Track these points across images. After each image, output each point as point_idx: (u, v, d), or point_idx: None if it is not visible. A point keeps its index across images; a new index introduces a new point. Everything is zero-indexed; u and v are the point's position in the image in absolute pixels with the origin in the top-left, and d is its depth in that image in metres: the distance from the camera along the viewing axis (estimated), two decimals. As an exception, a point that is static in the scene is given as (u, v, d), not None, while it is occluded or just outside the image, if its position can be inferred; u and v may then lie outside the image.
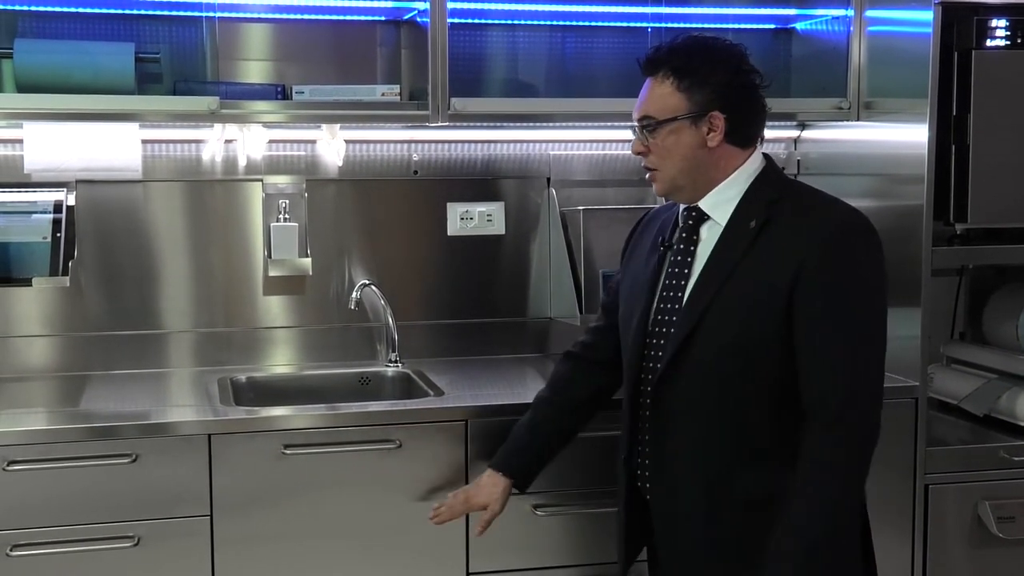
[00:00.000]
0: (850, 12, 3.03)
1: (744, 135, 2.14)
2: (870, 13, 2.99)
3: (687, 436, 2.13)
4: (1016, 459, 2.77)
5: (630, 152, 2.27)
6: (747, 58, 2.14)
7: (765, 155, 2.20)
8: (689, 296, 2.12)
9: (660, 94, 2.14)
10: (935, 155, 2.74)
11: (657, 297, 2.19)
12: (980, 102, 2.71)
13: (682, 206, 2.22)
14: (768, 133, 2.22)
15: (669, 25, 3.37)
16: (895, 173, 2.89)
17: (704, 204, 2.16)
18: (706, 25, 3.43)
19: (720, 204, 2.14)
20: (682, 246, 2.18)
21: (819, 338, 2.01)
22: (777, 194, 2.12)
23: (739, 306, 2.06)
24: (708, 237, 2.16)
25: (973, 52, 2.70)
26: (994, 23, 2.71)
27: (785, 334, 2.03)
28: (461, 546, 2.70)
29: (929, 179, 2.74)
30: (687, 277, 2.15)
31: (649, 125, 2.15)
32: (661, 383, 2.14)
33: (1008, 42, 2.71)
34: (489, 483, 2.46)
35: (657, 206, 2.44)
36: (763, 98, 2.15)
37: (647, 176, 2.20)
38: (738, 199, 2.13)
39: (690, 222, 2.18)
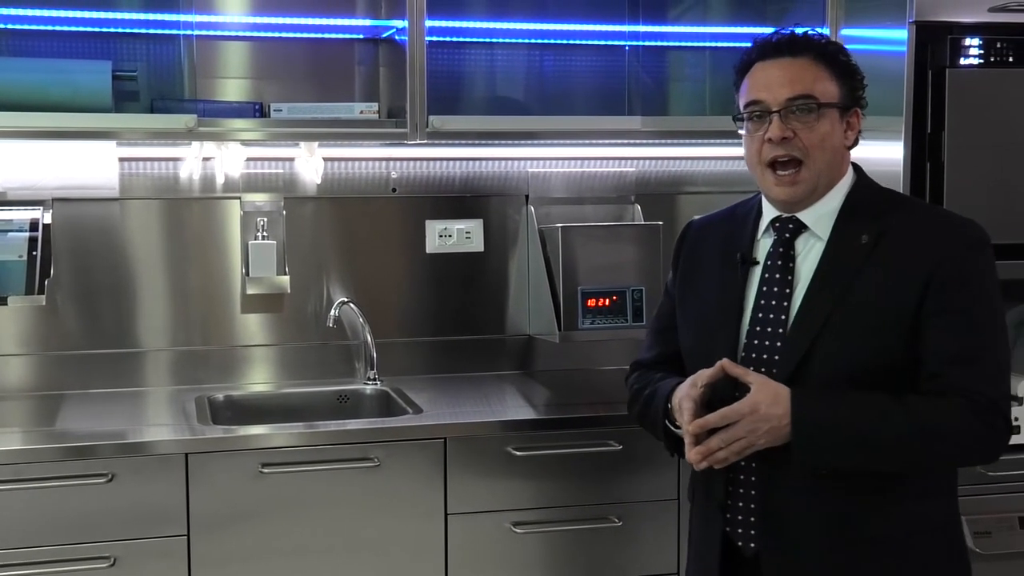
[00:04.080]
0: (826, 30, 3.04)
1: (857, 139, 2.01)
2: (845, 32, 3.01)
3: (804, 475, 1.89)
4: (992, 474, 2.78)
5: (607, 169, 2.17)
6: None
7: (855, 165, 2.04)
8: (796, 318, 1.93)
9: (817, 76, 1.93)
10: (910, 173, 2.76)
11: (749, 318, 1.98)
12: (954, 120, 2.73)
13: (767, 218, 2.03)
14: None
15: (647, 43, 3.39)
16: (871, 190, 2.91)
17: (807, 216, 1.98)
18: (684, 44, 3.46)
19: (822, 216, 1.97)
20: (779, 262, 1.98)
21: (959, 348, 1.87)
22: (884, 206, 1.98)
23: (859, 327, 1.89)
24: (806, 251, 1.98)
25: (947, 70, 2.72)
26: (967, 42, 2.73)
27: (911, 354, 1.88)
28: (440, 564, 2.69)
29: (904, 196, 2.76)
30: (788, 297, 1.95)
31: (809, 107, 1.91)
32: None
33: (981, 60, 2.73)
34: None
35: (697, 218, 2.22)
36: None
37: (776, 176, 1.95)
38: (837, 211, 1.97)
39: (786, 235, 1.99)
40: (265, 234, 3.18)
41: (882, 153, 2.80)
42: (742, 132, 2.01)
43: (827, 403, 1.88)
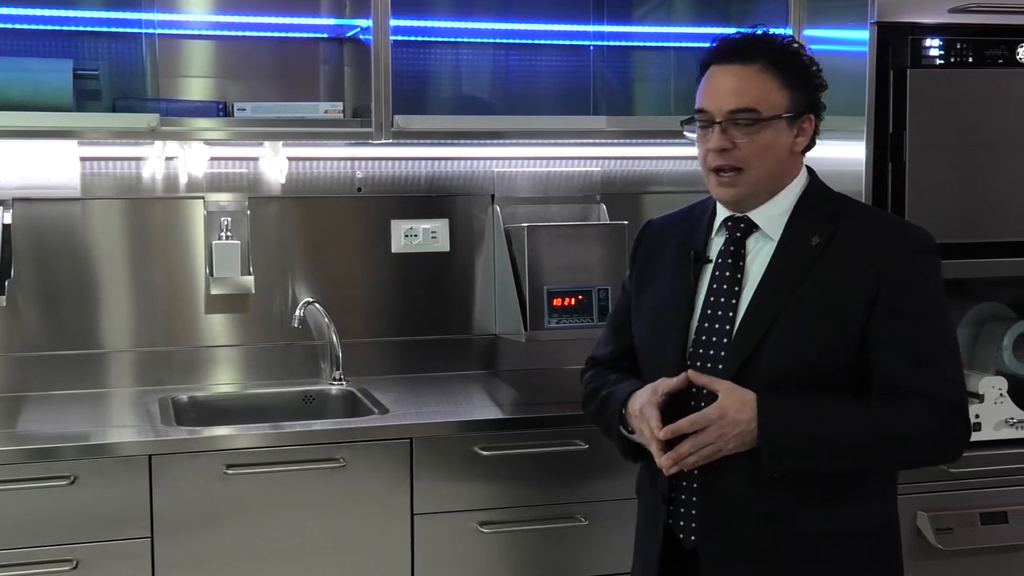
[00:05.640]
0: (789, 31, 3.07)
1: (813, 143, 2.03)
2: (808, 32, 3.04)
3: (746, 469, 1.92)
4: (953, 471, 2.81)
5: (573, 169, 2.19)
6: None
7: (809, 168, 2.07)
8: (745, 315, 1.95)
9: (763, 87, 1.94)
10: (872, 173, 2.78)
11: (699, 316, 2.01)
12: (915, 120, 2.76)
13: (720, 217, 2.05)
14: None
15: (612, 43, 3.40)
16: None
17: (758, 216, 2.00)
18: (648, 44, 3.47)
19: (774, 217, 2.00)
20: (730, 260, 2.01)
21: (916, 351, 1.90)
22: (835, 209, 2.01)
23: (807, 325, 1.91)
24: (757, 250, 2.00)
25: (908, 71, 2.75)
26: (928, 43, 2.76)
27: (857, 357, 1.92)
28: (407, 565, 2.69)
29: (866, 196, 2.77)
30: (737, 295, 1.98)
31: (750, 120, 1.93)
32: None
33: (942, 61, 2.76)
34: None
35: (656, 217, 2.25)
36: None
37: (718, 178, 1.97)
38: (789, 212, 2.00)
39: (738, 234, 2.02)
40: (229, 234, 3.16)
41: (844, 153, 2.83)
42: (692, 136, 2.04)
43: (793, 408, 1.90)
